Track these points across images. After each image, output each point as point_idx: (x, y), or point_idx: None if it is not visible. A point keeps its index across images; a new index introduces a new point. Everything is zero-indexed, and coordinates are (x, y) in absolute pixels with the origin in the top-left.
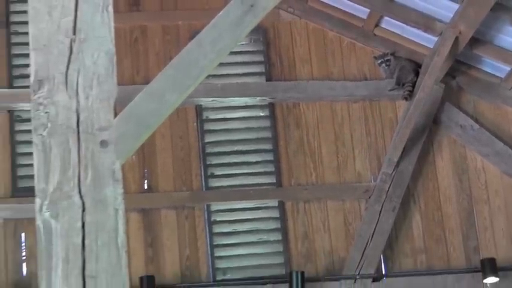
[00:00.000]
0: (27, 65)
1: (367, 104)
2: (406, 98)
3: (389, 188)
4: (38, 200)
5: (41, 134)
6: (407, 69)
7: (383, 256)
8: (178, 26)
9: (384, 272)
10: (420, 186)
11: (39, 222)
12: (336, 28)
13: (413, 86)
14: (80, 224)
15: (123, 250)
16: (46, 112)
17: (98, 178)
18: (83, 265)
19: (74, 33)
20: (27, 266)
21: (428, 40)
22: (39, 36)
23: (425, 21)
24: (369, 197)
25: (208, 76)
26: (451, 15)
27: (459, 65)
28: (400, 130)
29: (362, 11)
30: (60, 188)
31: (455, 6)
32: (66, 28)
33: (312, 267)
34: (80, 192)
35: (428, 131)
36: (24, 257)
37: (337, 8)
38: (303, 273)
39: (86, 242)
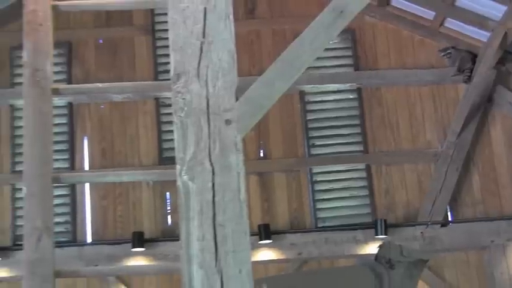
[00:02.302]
0: (169, 63)
1: (434, 87)
2: (465, 82)
3: (453, 153)
4: (178, 167)
5: (179, 115)
6: (466, 58)
7: (449, 206)
8: (284, 30)
9: (449, 219)
10: (478, 151)
11: (179, 183)
12: (409, 28)
13: (471, 72)
14: (210, 184)
15: (244, 204)
16: (183, 98)
17: (223, 149)
18: (214, 216)
19: (204, 36)
20: (171, 218)
21: (482, 35)
22: (177, 40)
23: (480, 21)
24: (437, 161)
25: (309, 67)
26: (501, 15)
27: (508, 55)
28: (461, 107)
29: (429, 14)
30: (195, 157)
31: (504, 7)
32: (197, 33)
33: (393, 216)
34: (210, 159)
35: (483, 107)
36: (169, 211)
37: (409, 12)
38: (385, 220)
39: (216, 198)
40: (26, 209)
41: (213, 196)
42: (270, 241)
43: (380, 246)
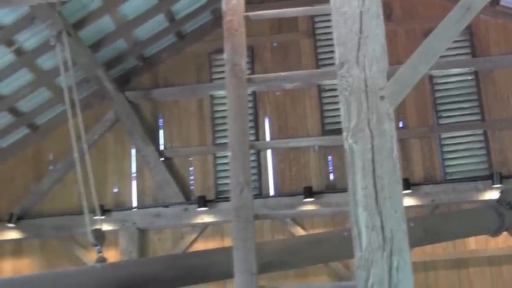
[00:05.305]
0: (329, 58)
1: None
2: None
3: None
4: (344, 133)
5: (344, 94)
6: None
7: None
8: (415, 29)
9: None
10: None
11: (346, 146)
12: None
13: None
14: (370, 146)
15: (396, 160)
16: (347, 81)
17: (379, 118)
18: (373, 170)
19: (360, 33)
20: (333, 175)
21: None
22: (339, 36)
23: None
24: None
25: None
26: None
27: None
28: None
29: None
30: (357, 125)
31: None
32: (356, 30)
33: (506, 169)
34: (369, 127)
35: None
36: (330, 170)
37: None
38: (500, 173)
39: (374, 156)
40: (231, 169)
41: (372, 155)
42: (410, 191)
43: (501, 192)
